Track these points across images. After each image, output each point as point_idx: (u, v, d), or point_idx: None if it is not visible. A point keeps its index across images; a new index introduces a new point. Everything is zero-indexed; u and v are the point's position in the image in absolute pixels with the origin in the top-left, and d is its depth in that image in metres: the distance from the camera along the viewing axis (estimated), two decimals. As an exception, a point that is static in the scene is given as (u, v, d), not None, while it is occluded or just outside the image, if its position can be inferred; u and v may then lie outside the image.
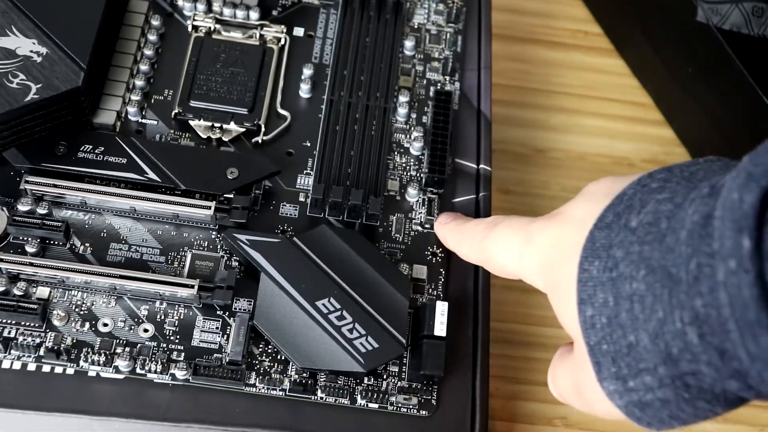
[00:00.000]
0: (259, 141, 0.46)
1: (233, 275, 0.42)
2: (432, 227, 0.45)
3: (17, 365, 0.40)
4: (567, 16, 0.61)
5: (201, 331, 0.42)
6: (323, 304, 0.41)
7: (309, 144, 0.47)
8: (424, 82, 0.50)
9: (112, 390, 0.40)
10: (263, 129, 0.46)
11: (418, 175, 0.47)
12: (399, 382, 0.41)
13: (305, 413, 0.41)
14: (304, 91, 0.48)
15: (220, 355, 0.41)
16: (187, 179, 0.43)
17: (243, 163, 0.44)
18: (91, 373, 0.40)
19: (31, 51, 0.43)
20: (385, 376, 0.42)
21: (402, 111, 0.48)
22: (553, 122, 0.57)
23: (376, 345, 0.41)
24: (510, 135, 0.56)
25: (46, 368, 0.40)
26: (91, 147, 0.43)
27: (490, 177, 0.48)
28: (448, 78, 0.50)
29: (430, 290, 0.44)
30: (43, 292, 0.41)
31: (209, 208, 0.43)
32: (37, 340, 0.40)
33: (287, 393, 0.41)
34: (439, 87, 0.50)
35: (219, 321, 0.42)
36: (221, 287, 0.41)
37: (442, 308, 0.42)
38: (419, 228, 0.45)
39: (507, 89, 0.57)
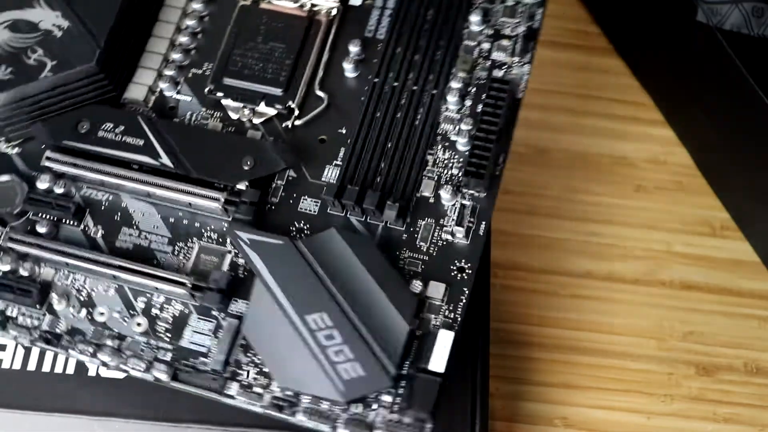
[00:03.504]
0: (290, 125, 0.43)
1: (225, 277, 0.39)
2: (462, 237, 0.40)
3: (17, 365, 0.40)
4: (567, 16, 0.61)
5: (193, 331, 0.39)
6: (313, 319, 0.38)
7: (344, 131, 0.42)
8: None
9: (112, 390, 0.40)
10: (296, 112, 0.43)
11: (458, 174, 0.41)
12: (390, 414, 0.37)
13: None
14: (349, 70, 0.43)
15: (206, 360, 0.39)
16: (199, 166, 0.41)
17: (260, 154, 0.41)
18: (91, 373, 0.40)
19: (53, 24, 0.41)
20: (374, 406, 0.37)
21: (453, 99, 0.42)
22: (553, 122, 0.57)
23: (362, 373, 0.37)
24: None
25: (46, 368, 0.40)
26: (112, 125, 0.42)
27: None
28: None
29: (447, 312, 0.39)
30: (48, 273, 0.41)
31: (218, 199, 0.40)
32: (35, 323, 0.40)
33: (265, 410, 0.38)
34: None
35: (213, 322, 0.39)
36: (211, 289, 0.39)
37: (445, 339, 0.37)
38: (449, 237, 0.40)
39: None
